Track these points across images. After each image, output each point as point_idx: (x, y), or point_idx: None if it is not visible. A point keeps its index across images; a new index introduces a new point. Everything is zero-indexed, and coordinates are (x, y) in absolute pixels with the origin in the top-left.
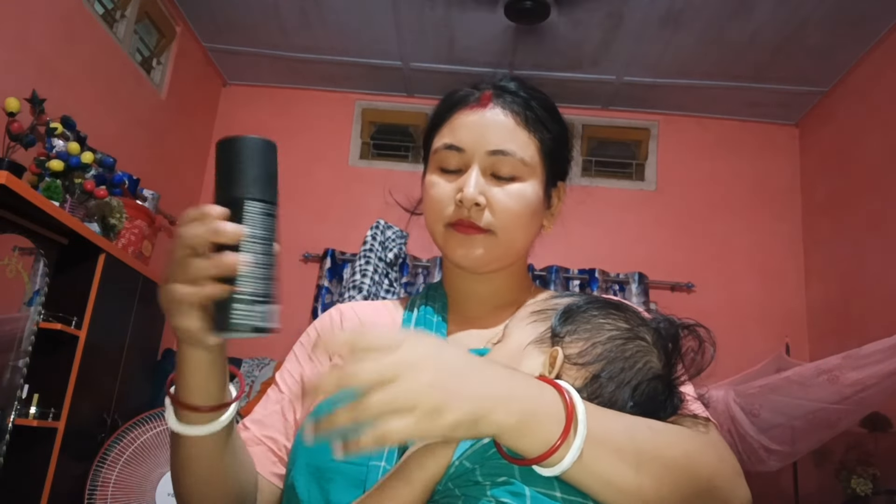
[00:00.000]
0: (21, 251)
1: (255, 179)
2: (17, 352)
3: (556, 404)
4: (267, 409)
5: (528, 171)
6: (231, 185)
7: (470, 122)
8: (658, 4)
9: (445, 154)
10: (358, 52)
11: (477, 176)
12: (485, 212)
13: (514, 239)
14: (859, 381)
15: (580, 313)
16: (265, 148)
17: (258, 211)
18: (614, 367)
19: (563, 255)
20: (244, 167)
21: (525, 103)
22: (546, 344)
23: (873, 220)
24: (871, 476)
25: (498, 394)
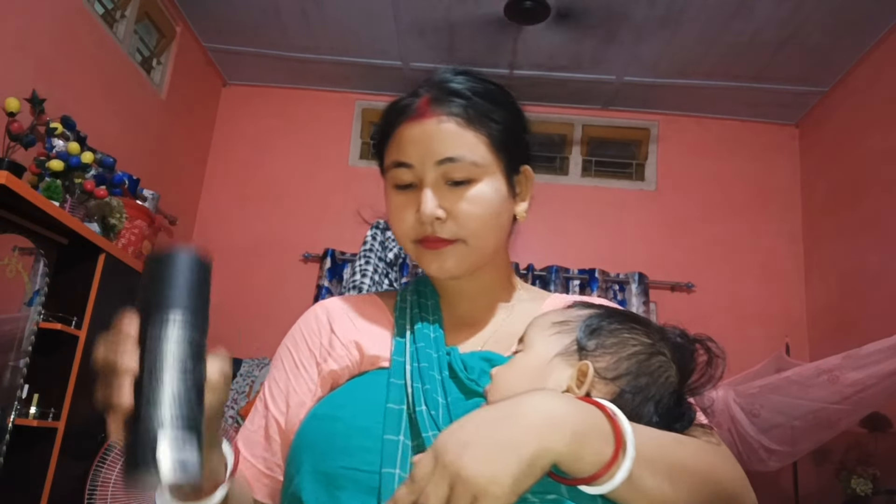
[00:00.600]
0: (21, 251)
1: (171, 292)
2: (17, 352)
3: (602, 424)
4: (254, 425)
5: (482, 171)
6: (146, 299)
7: (414, 135)
8: (658, 4)
9: (397, 172)
10: (358, 52)
11: (431, 190)
12: (447, 223)
13: (485, 242)
14: (859, 381)
15: (605, 327)
16: (189, 262)
17: (173, 324)
18: (640, 382)
19: (563, 255)
20: (163, 282)
21: (466, 100)
22: (573, 357)
23: (873, 220)
24: (871, 476)
25: (541, 428)
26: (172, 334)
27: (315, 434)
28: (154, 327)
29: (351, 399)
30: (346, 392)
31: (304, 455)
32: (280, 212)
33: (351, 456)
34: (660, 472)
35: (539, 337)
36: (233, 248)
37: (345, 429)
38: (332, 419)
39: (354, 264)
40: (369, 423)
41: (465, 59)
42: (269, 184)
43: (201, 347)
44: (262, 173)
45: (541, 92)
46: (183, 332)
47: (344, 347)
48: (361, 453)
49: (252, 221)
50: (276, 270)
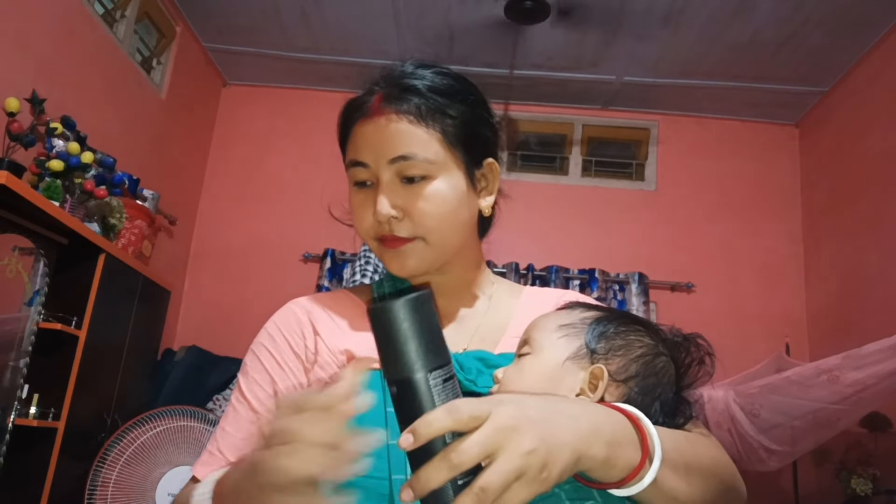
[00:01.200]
0: (21, 251)
1: (419, 348)
2: (17, 352)
3: (629, 430)
4: (241, 432)
5: (437, 168)
6: (394, 364)
7: (367, 134)
8: (658, 4)
9: (354, 171)
10: (358, 52)
11: (386, 189)
12: (404, 222)
13: (445, 238)
14: (859, 381)
15: (612, 329)
16: (417, 306)
17: (437, 381)
18: (648, 383)
19: (563, 255)
20: (402, 340)
21: (419, 97)
22: (584, 360)
23: (873, 220)
24: (871, 476)
25: (587, 431)
26: (431, 389)
27: None
28: (407, 389)
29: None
30: None
31: None
32: (280, 212)
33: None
34: (678, 470)
35: (546, 340)
36: (233, 248)
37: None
38: None
39: (354, 264)
40: (373, 429)
41: (465, 59)
42: (269, 184)
43: (458, 388)
44: (262, 173)
45: (541, 92)
46: (440, 381)
47: (331, 355)
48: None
49: (252, 221)
50: (276, 270)
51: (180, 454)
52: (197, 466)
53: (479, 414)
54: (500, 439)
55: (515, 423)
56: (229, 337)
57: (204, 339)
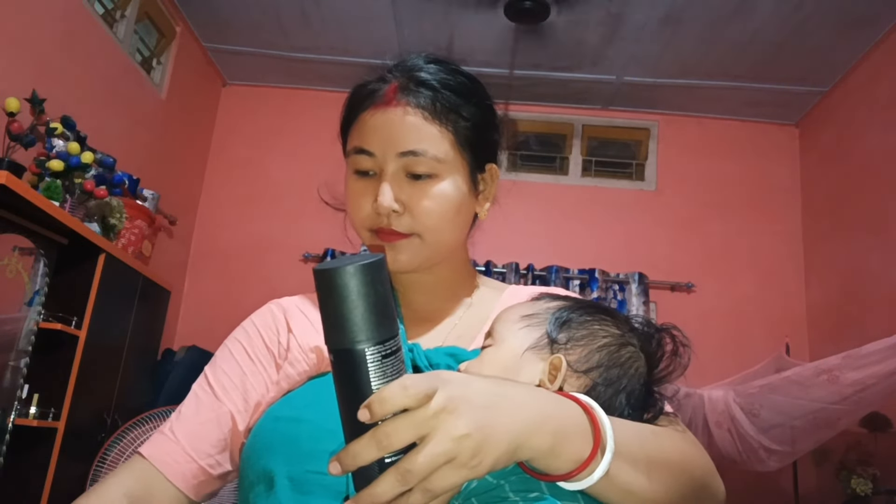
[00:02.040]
0: (21, 251)
1: (364, 317)
2: (17, 352)
3: (581, 420)
4: (200, 417)
5: (444, 168)
6: (336, 332)
7: (377, 123)
8: (658, 4)
9: (357, 158)
10: (358, 52)
11: (390, 182)
12: (404, 217)
13: (441, 238)
14: (859, 381)
15: (574, 319)
16: (368, 272)
17: (380, 355)
18: (611, 374)
19: (563, 255)
20: (347, 307)
21: (434, 92)
22: (544, 350)
23: (873, 220)
24: (871, 476)
25: (531, 419)
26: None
27: (277, 437)
28: (348, 359)
29: (313, 400)
30: (307, 392)
31: (267, 459)
32: (280, 212)
33: (319, 460)
34: (638, 465)
35: (508, 331)
36: (233, 248)
37: (310, 431)
38: (294, 421)
39: None
40: (335, 426)
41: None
42: (269, 184)
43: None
44: (262, 173)
45: (541, 92)
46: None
47: (301, 352)
48: (329, 457)
49: (252, 221)
50: (276, 270)
51: None
52: (146, 446)
53: (431, 392)
54: (433, 422)
55: (454, 405)
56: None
57: (204, 339)
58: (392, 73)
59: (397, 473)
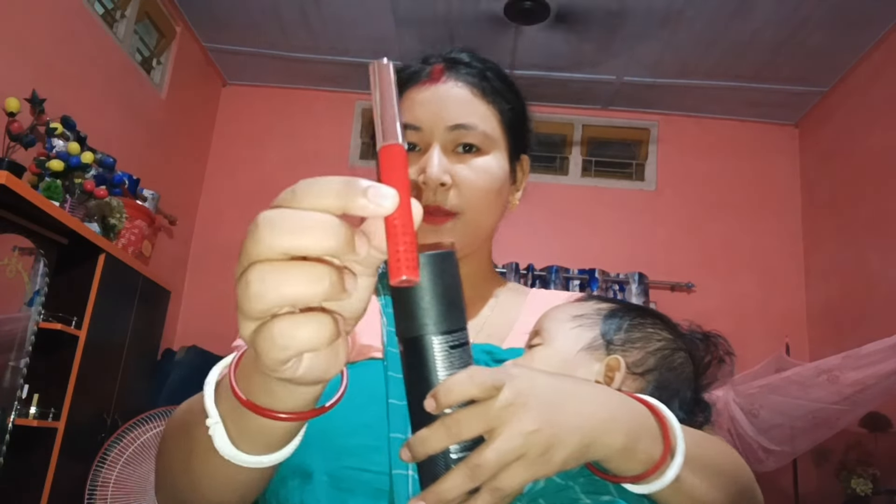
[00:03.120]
0: (21, 251)
1: (434, 307)
2: (17, 352)
3: (650, 422)
4: None
5: (491, 144)
6: (406, 321)
7: (425, 98)
8: (658, 4)
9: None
10: (358, 52)
11: (439, 154)
12: (451, 192)
13: (481, 219)
14: (859, 381)
15: (629, 321)
16: (440, 263)
17: (449, 345)
18: (665, 378)
19: (563, 255)
20: (418, 296)
21: (480, 74)
22: (599, 351)
23: (873, 219)
24: (871, 476)
25: (602, 417)
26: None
27: (310, 430)
28: (417, 348)
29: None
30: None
31: (302, 454)
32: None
33: (357, 456)
34: (698, 470)
35: (559, 330)
36: (233, 248)
37: (345, 426)
38: (328, 414)
39: None
40: (370, 420)
41: None
42: (269, 184)
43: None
44: (262, 173)
45: (541, 92)
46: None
47: None
48: (368, 452)
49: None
50: None
51: None
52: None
53: (500, 385)
54: (504, 415)
55: (523, 400)
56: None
57: (204, 339)
58: (434, 58)
59: (466, 468)
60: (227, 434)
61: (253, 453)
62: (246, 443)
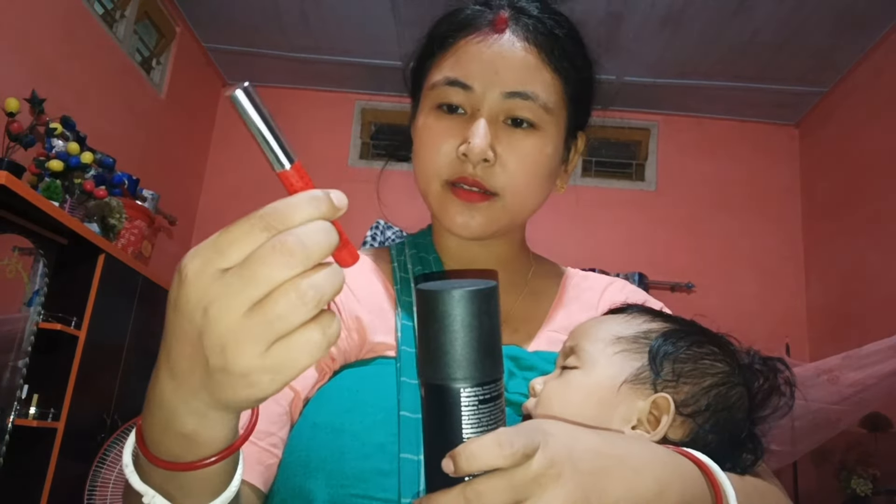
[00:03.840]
0: (21, 251)
1: (469, 353)
2: (16, 352)
3: (701, 486)
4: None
5: (549, 120)
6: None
7: (481, 52)
8: (658, 4)
9: (447, 90)
10: (358, 52)
11: (485, 125)
12: (495, 169)
13: (523, 204)
14: (859, 382)
15: (682, 348)
16: (482, 301)
17: (479, 398)
18: (719, 418)
19: (563, 255)
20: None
21: (549, 32)
22: (645, 386)
23: (873, 220)
24: (871, 476)
25: (648, 489)
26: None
27: (316, 450)
28: (443, 396)
29: (357, 404)
30: (349, 393)
31: (304, 477)
32: None
33: (366, 482)
34: None
35: (601, 353)
36: None
37: (356, 446)
38: (336, 431)
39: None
40: (384, 438)
41: None
42: (268, 184)
43: (500, 413)
44: (261, 173)
45: None
46: (476, 401)
47: (345, 328)
48: (377, 478)
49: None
50: None
51: None
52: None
53: (531, 452)
54: (532, 488)
55: (557, 471)
56: None
57: None
58: (495, 1)
59: None
60: (170, 501)
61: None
62: (190, 499)
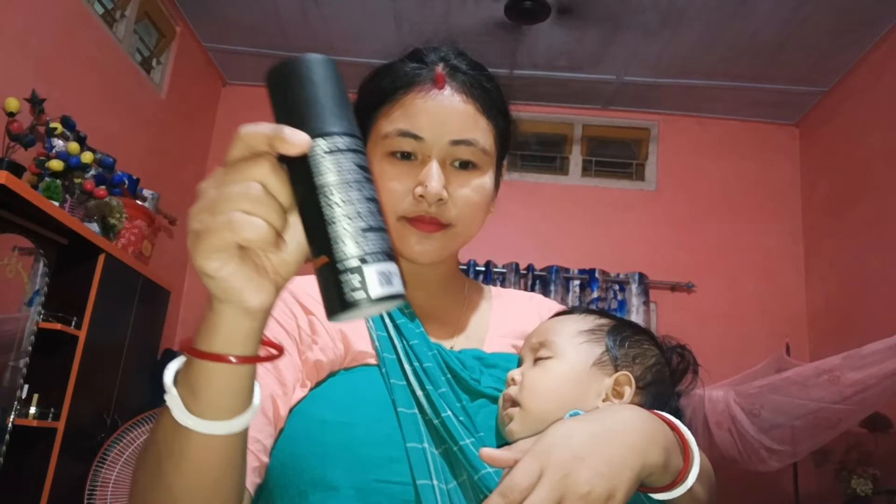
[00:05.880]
0: (21, 251)
1: (323, 109)
2: (17, 352)
3: (671, 434)
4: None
5: (486, 160)
6: (295, 123)
7: (427, 105)
8: (658, 4)
9: (399, 140)
10: (358, 52)
11: (438, 169)
12: (447, 206)
13: (470, 231)
14: (860, 382)
15: (629, 337)
16: (323, 66)
17: (338, 147)
18: (661, 390)
19: (563, 255)
20: (305, 98)
21: (480, 86)
22: (607, 367)
23: (873, 220)
24: (871, 476)
25: (644, 440)
26: (329, 156)
27: (332, 443)
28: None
29: (358, 401)
30: (348, 393)
31: (325, 467)
32: None
33: (382, 467)
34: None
35: (569, 344)
36: None
37: (367, 436)
38: (347, 425)
39: None
40: (389, 430)
41: None
42: None
43: (364, 163)
44: None
45: (541, 92)
46: (341, 148)
47: (329, 337)
48: (391, 464)
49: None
50: None
51: None
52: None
53: (533, 480)
54: (560, 493)
55: (567, 471)
56: None
57: None
58: (431, 58)
59: None
60: (184, 404)
61: (208, 418)
62: (201, 408)
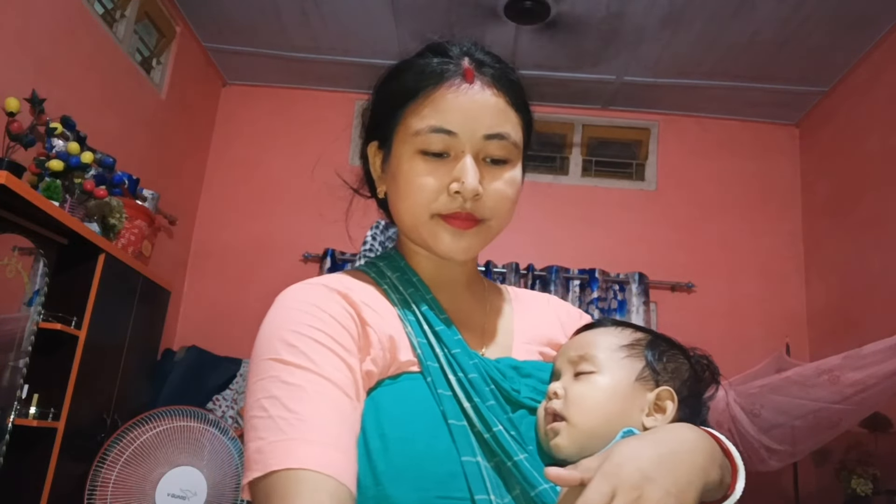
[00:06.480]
0: (21, 251)
1: None
2: (17, 352)
3: (718, 449)
4: (337, 413)
5: (517, 153)
6: None
7: (460, 102)
8: (658, 4)
9: (431, 137)
10: (358, 52)
11: (473, 164)
12: (482, 202)
13: (502, 225)
14: (860, 382)
15: (666, 351)
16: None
17: None
18: (695, 403)
19: (563, 255)
20: None
21: (506, 79)
22: (649, 382)
23: (873, 220)
24: (871, 476)
25: (704, 460)
26: None
27: (395, 460)
28: None
29: (412, 415)
30: (399, 405)
31: (389, 484)
32: (280, 212)
33: (443, 484)
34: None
35: (611, 360)
36: (233, 248)
37: (429, 452)
38: (408, 441)
39: (354, 264)
40: (445, 444)
41: None
42: (268, 184)
43: None
44: (261, 173)
45: (541, 92)
46: None
47: (380, 346)
48: (451, 480)
49: (252, 221)
50: (276, 270)
51: (180, 454)
52: (316, 462)
53: (606, 501)
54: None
55: (639, 491)
56: (229, 337)
57: (204, 340)
58: (457, 53)
59: None
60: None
61: None
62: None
